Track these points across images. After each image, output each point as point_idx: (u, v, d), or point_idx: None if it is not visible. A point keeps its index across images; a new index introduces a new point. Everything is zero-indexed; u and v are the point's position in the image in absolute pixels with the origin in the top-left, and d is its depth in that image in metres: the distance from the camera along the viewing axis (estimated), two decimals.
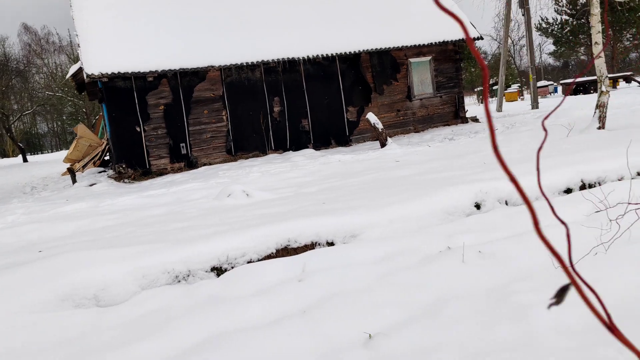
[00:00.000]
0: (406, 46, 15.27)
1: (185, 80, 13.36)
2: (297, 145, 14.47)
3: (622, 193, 4.84)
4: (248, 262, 4.28)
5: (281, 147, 14.42)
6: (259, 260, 4.33)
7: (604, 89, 11.13)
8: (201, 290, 3.76)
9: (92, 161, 17.32)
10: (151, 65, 12.50)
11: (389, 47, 15.11)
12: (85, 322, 3.50)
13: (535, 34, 62.79)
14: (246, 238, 4.36)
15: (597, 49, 11.20)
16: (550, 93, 42.00)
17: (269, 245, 4.40)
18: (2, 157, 54.30)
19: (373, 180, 7.59)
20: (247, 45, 13.75)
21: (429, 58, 16.12)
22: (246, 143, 14.09)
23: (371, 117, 12.87)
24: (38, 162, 34.97)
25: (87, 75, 11.81)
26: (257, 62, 13.66)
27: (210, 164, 13.61)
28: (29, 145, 63.14)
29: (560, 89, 41.38)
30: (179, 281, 4.05)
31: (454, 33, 15.86)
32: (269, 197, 7.41)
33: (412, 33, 15.41)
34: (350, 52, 14.69)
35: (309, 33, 14.51)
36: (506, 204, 5.44)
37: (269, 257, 4.39)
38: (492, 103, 35.31)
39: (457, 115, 16.67)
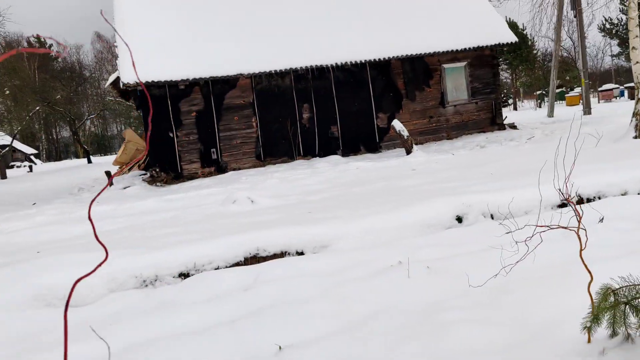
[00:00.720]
0: (440, 52, 15.05)
1: (216, 88, 13.80)
2: (326, 152, 14.58)
3: (606, 210, 4.64)
4: (215, 269, 4.42)
5: (310, 153, 14.57)
6: (226, 267, 4.47)
7: None
8: (158, 295, 3.94)
9: (138, 164, 18.17)
10: (183, 73, 13.01)
11: (422, 54, 14.94)
12: (49, 320, 3.76)
13: (599, 35, 59.68)
14: (215, 246, 4.51)
15: (634, 54, 10.64)
16: (615, 97, 39.88)
17: (237, 254, 4.52)
18: (73, 158, 57.54)
19: (377, 190, 7.57)
20: (277, 53, 14.01)
21: (463, 64, 15.79)
22: (275, 149, 14.34)
23: (396, 124, 12.78)
24: (100, 164, 36.98)
25: (123, 84, 12.45)
26: (287, 69, 13.90)
27: (239, 169, 13.96)
28: (99, 147, 66.76)
29: (627, 92, 39.21)
30: (146, 285, 4.25)
31: (490, 38, 15.46)
32: (272, 204, 7.56)
33: (446, 38, 15.16)
34: (381, 59, 14.66)
35: (338, 40, 14.60)
36: (492, 217, 5.31)
37: (237, 264, 4.52)
38: (544, 108, 33.91)
39: (494, 122, 16.22)
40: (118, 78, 12.87)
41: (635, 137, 10.38)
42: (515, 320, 2.78)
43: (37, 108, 40.39)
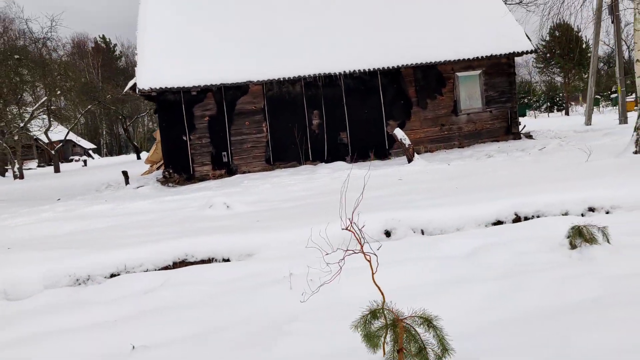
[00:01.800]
0: (453, 60, 15.01)
1: (229, 94, 14.37)
2: (335, 158, 14.86)
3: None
4: (145, 272, 4.86)
5: (318, 158, 14.90)
6: (155, 270, 4.90)
7: None
8: (82, 294, 4.42)
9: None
10: (196, 80, 13.65)
11: (435, 62, 14.95)
12: None
13: None
14: (147, 250, 4.95)
15: (638, 67, 10.35)
16: None
17: (167, 259, 4.94)
18: (131, 153, 60.05)
19: (338, 201, 7.80)
20: (288, 60, 14.42)
21: (478, 72, 15.65)
22: (284, 153, 14.76)
23: (398, 132, 12.91)
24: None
25: (139, 90, 13.23)
26: (297, 77, 14.29)
27: (249, 172, 14.47)
28: (150, 144, 69.67)
29: None
30: (79, 284, 4.74)
31: (506, 46, 15.25)
32: (246, 209, 7.96)
33: (461, 46, 15.09)
34: (392, 67, 14.79)
35: (349, 47, 14.84)
36: (422, 233, 5.48)
37: (166, 268, 4.94)
38: (596, 114, 32.62)
39: (509, 131, 15.98)
40: (136, 84, 13.66)
41: (635, 152, 10.09)
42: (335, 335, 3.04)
43: (89, 107, 42.73)
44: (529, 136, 16.32)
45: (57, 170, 35.86)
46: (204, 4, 15.70)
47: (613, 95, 34.15)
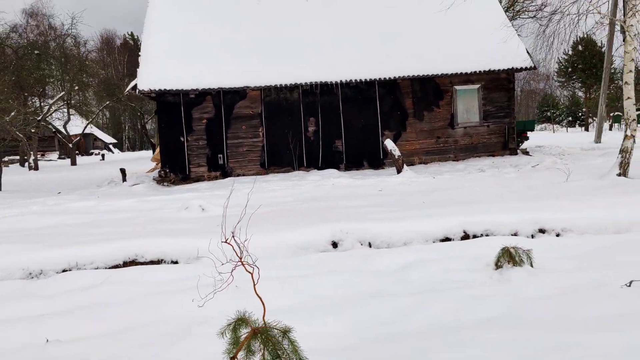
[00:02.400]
0: (451, 74, 15.09)
1: (227, 98, 14.67)
2: (329, 165, 15.03)
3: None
4: (95, 269, 5.11)
5: (313, 165, 15.09)
6: (105, 268, 5.14)
7: (628, 132, 10.24)
8: (31, 286, 4.68)
9: None
10: (195, 83, 13.99)
11: (433, 74, 15.05)
12: None
13: None
14: (98, 248, 5.20)
15: (627, 89, 10.34)
16: None
17: (117, 258, 5.19)
18: (147, 150, 60.87)
19: (313, 208, 7.99)
20: (287, 67, 14.67)
21: (477, 86, 15.70)
22: (279, 158, 15.00)
23: (389, 143, 13.04)
24: None
25: (139, 91, 13.61)
26: (295, 84, 14.53)
27: (243, 175, 14.74)
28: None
29: None
30: (32, 277, 5.01)
31: (506, 61, 15.28)
32: (220, 212, 8.18)
33: (460, 59, 15.17)
34: (390, 78, 14.93)
35: (349, 57, 15.03)
36: (370, 245, 5.64)
37: (116, 266, 5.18)
38: (615, 131, 32.09)
39: (506, 146, 15.97)
40: (137, 84, 14.03)
41: (619, 175, 10.08)
42: None
43: (107, 103, 43.62)
44: (525, 152, 16.30)
45: (73, 163, 36.65)
46: (211, 9, 16.05)
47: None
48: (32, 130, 33.27)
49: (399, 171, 12.82)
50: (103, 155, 47.28)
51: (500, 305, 3.67)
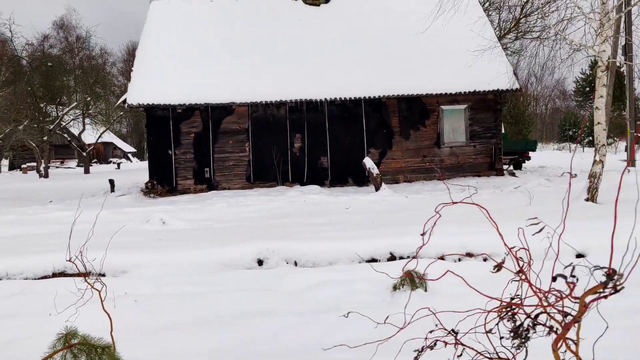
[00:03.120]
0: (438, 94, 15.21)
1: (215, 113, 15.01)
2: (314, 181, 15.21)
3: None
4: (25, 279, 5.35)
5: (298, 180, 15.29)
6: (34, 279, 5.38)
7: (597, 157, 10.22)
8: None
9: None
10: (182, 99, 14.36)
11: (419, 94, 15.19)
12: None
13: None
14: (29, 260, 5.45)
15: (597, 114, 10.35)
16: None
17: (47, 269, 5.43)
18: None
19: (271, 225, 8.17)
20: (275, 84, 14.97)
21: (464, 106, 15.78)
22: (264, 173, 15.24)
23: (367, 161, 13.19)
24: None
25: (128, 105, 14.02)
26: (282, 100, 14.81)
27: (229, 189, 15.00)
28: None
29: None
30: None
31: (495, 82, 15.33)
32: (180, 226, 8.43)
33: (447, 79, 15.29)
34: (377, 97, 15.12)
35: (336, 75, 15.27)
36: (295, 264, 5.78)
37: (44, 277, 5.42)
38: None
39: (492, 167, 15.97)
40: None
41: (587, 200, 10.06)
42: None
43: (121, 113, 44.61)
44: (512, 173, 16.25)
45: (86, 171, 37.40)
46: (204, 28, 16.49)
47: None
48: (44, 139, 34.25)
49: (377, 189, 12.94)
50: (119, 164, 48.15)
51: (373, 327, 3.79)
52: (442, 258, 6.09)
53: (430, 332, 2.07)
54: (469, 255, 6.00)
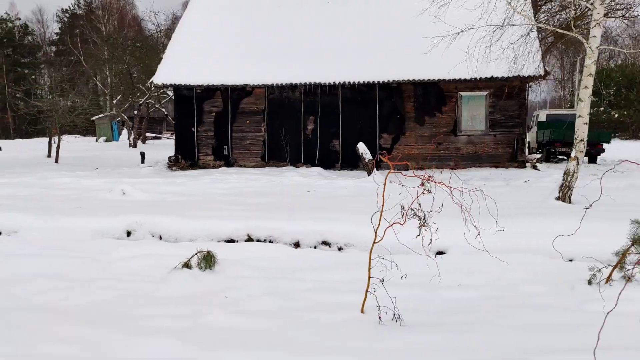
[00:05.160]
0: (457, 79, 14.67)
1: (234, 94, 15.88)
2: (325, 163, 15.55)
3: None
4: None
5: (310, 162, 15.73)
6: None
7: (573, 154, 9.52)
8: None
9: None
10: (202, 80, 15.38)
11: (437, 79, 14.77)
12: None
13: None
14: None
15: (579, 106, 9.60)
16: None
17: None
18: None
19: (213, 202, 8.81)
20: (292, 68, 15.41)
21: (485, 93, 15.03)
22: (278, 153, 15.88)
23: (361, 146, 13.26)
24: None
25: (154, 85, 15.34)
26: (297, 83, 15.25)
27: (245, 166, 15.88)
28: None
29: None
30: None
31: (519, 69, 14.38)
32: (139, 198, 9.39)
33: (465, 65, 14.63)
34: (391, 81, 14.98)
35: (352, 59, 15.31)
36: (160, 238, 6.40)
37: None
38: None
39: (514, 158, 15.10)
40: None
41: (557, 199, 9.46)
42: None
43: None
44: (534, 167, 15.22)
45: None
46: (231, 18, 17.31)
47: None
48: (135, 112, 37.82)
49: (368, 174, 13.01)
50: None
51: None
52: (297, 244, 6.33)
53: None
54: (326, 243, 6.17)
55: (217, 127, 16.12)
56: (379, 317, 3.64)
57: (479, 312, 3.97)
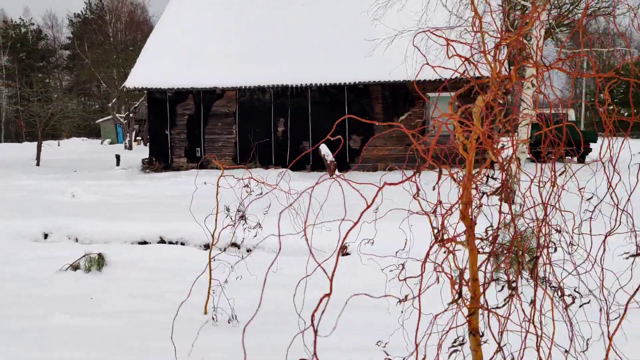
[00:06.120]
0: (424, 80, 14.68)
1: (206, 97, 16.06)
2: (296, 165, 15.64)
3: None
4: None
5: (281, 163, 15.85)
6: None
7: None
8: None
9: None
10: (172, 83, 15.59)
11: (403, 80, 14.81)
12: None
13: None
14: None
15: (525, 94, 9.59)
16: None
17: None
18: None
19: (155, 204, 8.99)
20: (261, 69, 15.55)
21: (453, 93, 14.99)
22: (249, 155, 16.01)
23: (323, 148, 13.36)
24: None
25: (126, 88, 15.58)
26: (266, 85, 15.38)
27: (217, 168, 16.01)
28: None
29: None
30: None
31: (482, 71, 14.39)
32: (87, 200, 9.59)
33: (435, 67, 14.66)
34: (359, 82, 15.05)
35: (320, 62, 15.39)
36: (77, 240, 6.56)
37: None
38: None
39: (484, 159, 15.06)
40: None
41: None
42: None
43: None
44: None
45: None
46: (207, 19, 17.49)
47: None
48: (131, 115, 38.27)
49: (330, 175, 13.07)
50: None
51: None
52: (206, 246, 6.46)
53: None
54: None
55: (190, 129, 16.32)
56: (212, 318, 3.76)
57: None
